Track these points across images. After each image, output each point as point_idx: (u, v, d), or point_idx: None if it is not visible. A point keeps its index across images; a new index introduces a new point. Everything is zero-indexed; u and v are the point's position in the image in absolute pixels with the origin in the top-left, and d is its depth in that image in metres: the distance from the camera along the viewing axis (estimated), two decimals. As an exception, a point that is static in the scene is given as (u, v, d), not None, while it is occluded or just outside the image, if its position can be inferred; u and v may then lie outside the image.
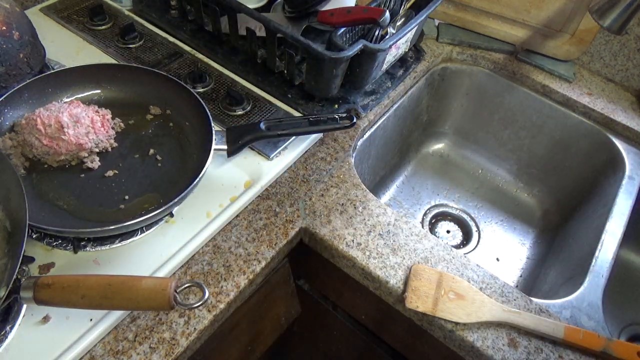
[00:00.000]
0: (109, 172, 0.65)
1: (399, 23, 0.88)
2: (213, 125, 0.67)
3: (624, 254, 1.03)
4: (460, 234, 1.06)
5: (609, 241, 0.77)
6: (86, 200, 0.62)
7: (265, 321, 0.74)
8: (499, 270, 1.00)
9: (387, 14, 0.74)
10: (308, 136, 0.77)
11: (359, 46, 0.71)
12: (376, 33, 0.84)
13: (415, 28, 0.84)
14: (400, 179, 1.14)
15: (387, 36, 0.85)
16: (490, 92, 1.06)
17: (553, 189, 1.08)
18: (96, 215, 0.61)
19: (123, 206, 0.62)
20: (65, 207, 0.61)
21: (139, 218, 0.56)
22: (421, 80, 0.99)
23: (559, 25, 0.98)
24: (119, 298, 0.49)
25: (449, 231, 1.06)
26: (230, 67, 0.85)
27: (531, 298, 0.65)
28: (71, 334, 0.53)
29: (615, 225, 0.80)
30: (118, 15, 0.90)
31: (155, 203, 0.63)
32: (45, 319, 0.54)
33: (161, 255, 0.61)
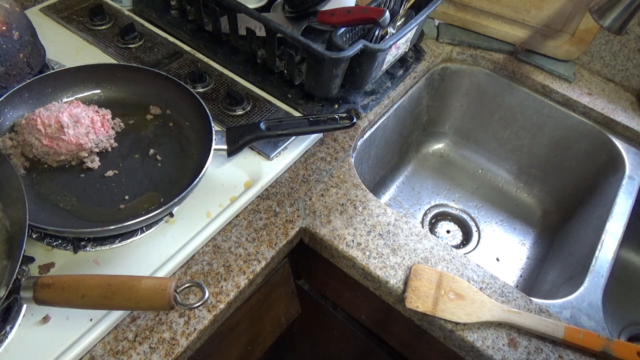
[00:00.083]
0: (109, 172, 0.65)
1: (399, 23, 0.88)
2: (213, 125, 0.67)
3: (624, 254, 1.03)
4: (460, 234, 1.06)
5: (609, 241, 0.77)
6: (86, 200, 0.62)
7: (265, 321, 0.74)
8: (499, 270, 1.00)
9: (387, 14, 0.74)
10: (308, 136, 0.77)
11: (359, 46, 0.71)
12: (376, 33, 0.84)
13: (415, 28, 0.84)
14: (400, 179, 1.14)
15: (387, 36, 0.85)
16: (490, 92, 1.06)
17: (553, 189, 1.08)
18: (96, 215, 0.61)
19: (123, 206, 0.62)
20: (65, 207, 0.61)
21: (139, 218, 0.56)
22: (421, 80, 0.99)
23: (559, 25, 0.98)
24: (119, 298, 0.49)
25: (449, 231, 1.06)
26: (230, 67, 0.85)
27: (531, 298, 0.65)
28: (71, 334, 0.53)
29: (615, 225, 0.80)
30: (118, 15, 0.90)
31: (155, 203, 0.63)
32: (45, 319, 0.54)
33: (161, 255, 0.61)
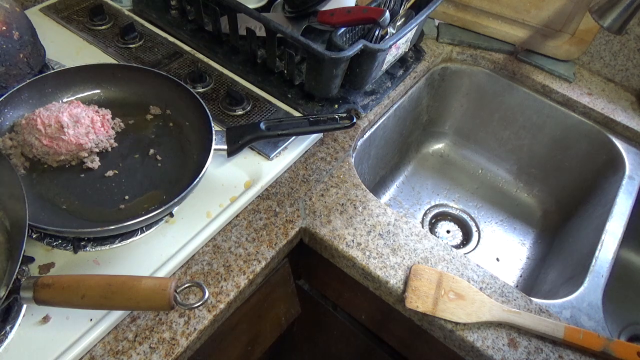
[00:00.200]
0: (109, 172, 0.65)
1: (399, 23, 0.88)
2: (213, 125, 0.67)
3: (624, 254, 1.03)
4: (460, 234, 1.06)
5: (609, 241, 0.77)
6: (86, 200, 0.62)
7: (265, 321, 0.74)
8: (499, 270, 1.00)
9: (387, 14, 0.74)
10: (308, 136, 0.77)
11: (359, 46, 0.71)
12: (376, 33, 0.84)
13: (415, 28, 0.84)
14: (400, 179, 1.14)
15: (387, 36, 0.85)
16: (490, 92, 1.06)
17: (553, 189, 1.08)
18: (96, 215, 0.61)
19: (123, 206, 0.62)
20: (65, 207, 0.61)
21: (139, 218, 0.56)
22: (421, 80, 0.99)
23: (559, 25, 0.98)
24: (119, 298, 0.49)
25: (449, 231, 1.06)
26: (230, 67, 0.85)
27: (531, 298, 0.65)
28: (71, 334, 0.53)
29: (615, 225, 0.80)
30: (118, 15, 0.90)
31: (155, 203, 0.63)
32: (45, 319, 0.54)
33: (161, 255, 0.61)
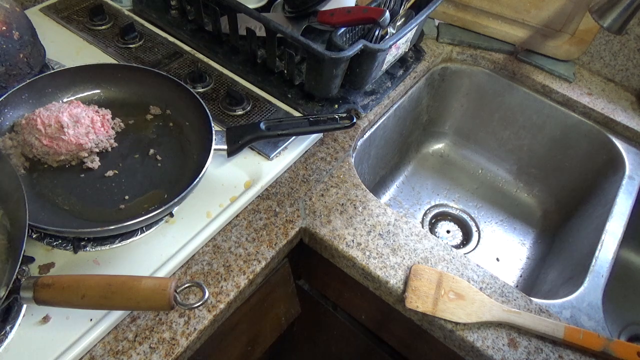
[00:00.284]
0: (109, 172, 0.65)
1: (399, 23, 0.88)
2: (213, 125, 0.67)
3: (624, 254, 1.03)
4: (460, 234, 1.06)
5: (609, 241, 0.77)
6: (86, 200, 0.62)
7: (265, 321, 0.74)
8: (499, 270, 1.00)
9: (387, 14, 0.74)
10: (308, 136, 0.77)
11: (359, 46, 0.71)
12: (376, 33, 0.84)
13: (415, 28, 0.84)
14: (400, 179, 1.14)
15: (387, 36, 0.85)
16: (490, 92, 1.06)
17: (553, 189, 1.08)
18: (96, 215, 0.61)
19: (123, 206, 0.62)
20: (65, 207, 0.61)
21: (139, 218, 0.56)
22: (421, 80, 0.99)
23: (559, 25, 0.98)
24: (119, 298, 0.49)
25: (449, 231, 1.06)
26: (230, 67, 0.85)
27: (531, 298, 0.65)
28: (71, 334, 0.53)
29: (615, 225, 0.80)
30: (118, 15, 0.90)
31: (155, 203, 0.63)
32: (45, 319, 0.54)
33: (161, 255, 0.61)
